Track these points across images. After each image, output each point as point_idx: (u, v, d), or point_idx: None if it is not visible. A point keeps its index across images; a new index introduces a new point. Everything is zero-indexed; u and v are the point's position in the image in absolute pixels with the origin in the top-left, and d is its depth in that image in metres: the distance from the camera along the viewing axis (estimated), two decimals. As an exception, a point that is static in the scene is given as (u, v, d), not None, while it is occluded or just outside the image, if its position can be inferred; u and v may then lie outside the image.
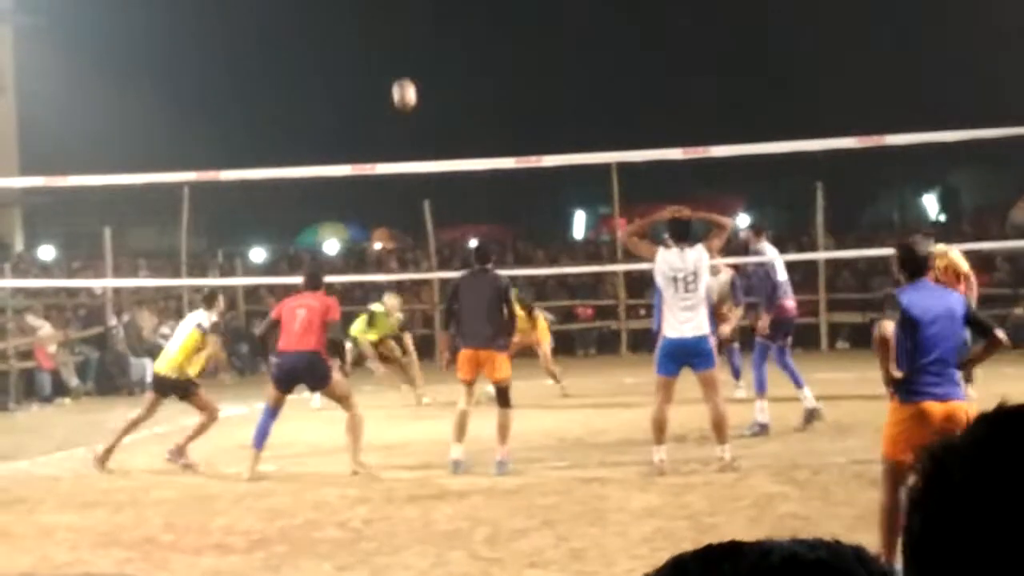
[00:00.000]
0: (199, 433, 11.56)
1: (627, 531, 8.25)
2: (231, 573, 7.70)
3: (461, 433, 10.65)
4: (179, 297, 21.75)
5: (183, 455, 11.45)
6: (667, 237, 10.36)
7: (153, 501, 9.98)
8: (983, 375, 12.26)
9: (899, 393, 6.71)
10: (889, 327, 6.65)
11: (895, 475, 6.64)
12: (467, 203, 29.96)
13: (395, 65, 11.02)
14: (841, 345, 21.26)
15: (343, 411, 11.03)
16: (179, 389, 11.66)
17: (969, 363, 7.25)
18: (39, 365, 18.52)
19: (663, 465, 10.05)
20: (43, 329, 19.09)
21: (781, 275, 12.48)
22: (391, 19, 34.83)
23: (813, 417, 12.16)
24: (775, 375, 12.31)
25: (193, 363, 11.73)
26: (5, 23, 31.98)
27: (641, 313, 21.44)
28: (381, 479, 10.46)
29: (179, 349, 11.74)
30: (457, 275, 12.15)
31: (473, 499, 9.51)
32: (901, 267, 6.89)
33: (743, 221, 26.08)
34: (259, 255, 30.43)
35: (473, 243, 18.10)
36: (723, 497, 9.21)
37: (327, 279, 12.44)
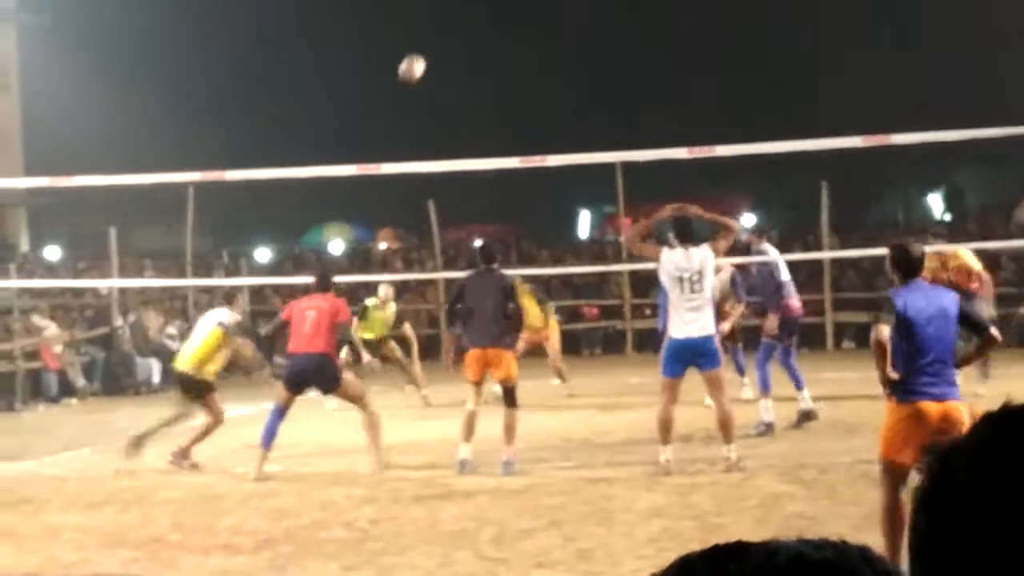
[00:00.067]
0: (203, 436, 11.55)
1: (633, 531, 8.25)
2: (238, 573, 7.71)
3: (469, 433, 10.66)
4: (184, 297, 21.79)
5: (187, 457, 11.43)
6: (671, 237, 10.36)
7: (160, 501, 9.99)
8: (998, 374, 12.26)
9: (896, 393, 6.73)
10: (885, 331, 6.68)
11: (893, 475, 6.66)
12: (471, 203, 29.97)
13: (395, 65, 11.01)
14: (847, 344, 21.19)
15: (359, 412, 11.06)
16: (195, 388, 11.63)
17: (963, 362, 7.25)
18: (45, 365, 18.54)
19: (669, 465, 10.04)
20: (49, 329, 19.11)
21: (784, 275, 12.48)
22: (391, 19, 34.85)
23: (807, 418, 12.20)
24: (779, 374, 12.31)
25: (214, 361, 11.69)
26: (9, 22, 32.04)
27: (646, 313, 21.43)
28: (387, 479, 10.47)
29: (199, 346, 11.70)
30: (462, 275, 12.16)
31: (479, 499, 9.51)
32: (895, 268, 6.90)
33: (748, 221, 26.06)
34: (264, 255, 30.48)
35: (478, 243, 18.08)
36: (729, 497, 9.20)
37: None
